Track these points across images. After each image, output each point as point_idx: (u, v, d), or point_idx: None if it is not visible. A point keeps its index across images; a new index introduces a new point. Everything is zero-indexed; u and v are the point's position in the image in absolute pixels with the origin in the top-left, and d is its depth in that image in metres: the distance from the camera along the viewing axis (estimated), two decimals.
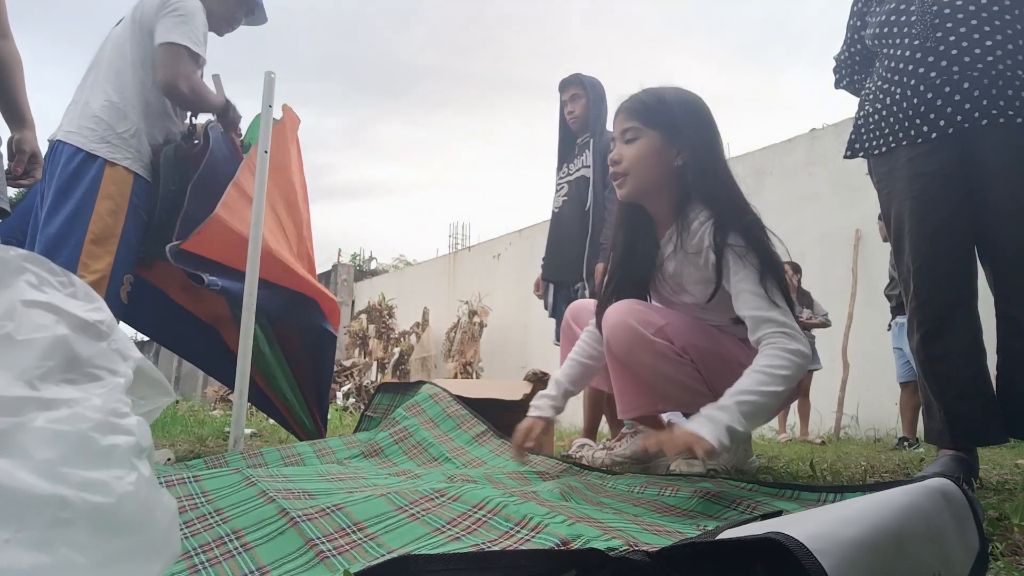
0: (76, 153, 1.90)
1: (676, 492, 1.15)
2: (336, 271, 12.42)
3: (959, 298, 1.54)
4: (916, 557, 0.57)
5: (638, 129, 1.38)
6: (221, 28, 2.23)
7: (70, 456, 0.41)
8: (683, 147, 1.36)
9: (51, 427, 0.41)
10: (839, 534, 0.50)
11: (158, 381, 0.62)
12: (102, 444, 0.42)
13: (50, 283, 0.55)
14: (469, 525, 0.81)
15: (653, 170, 1.38)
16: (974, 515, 0.70)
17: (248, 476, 1.09)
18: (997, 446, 1.80)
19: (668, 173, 1.38)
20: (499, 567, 0.51)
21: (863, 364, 5.33)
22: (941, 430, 1.55)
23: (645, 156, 1.37)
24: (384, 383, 2.40)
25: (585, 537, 0.69)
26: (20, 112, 1.68)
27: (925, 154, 1.57)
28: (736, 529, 0.60)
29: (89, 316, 0.54)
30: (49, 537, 0.36)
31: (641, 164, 1.37)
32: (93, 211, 1.87)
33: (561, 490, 1.11)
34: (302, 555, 0.73)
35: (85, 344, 0.51)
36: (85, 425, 0.43)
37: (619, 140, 1.42)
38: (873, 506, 0.57)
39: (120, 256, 1.90)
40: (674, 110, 1.38)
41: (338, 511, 0.84)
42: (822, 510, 0.60)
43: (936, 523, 0.62)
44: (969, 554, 0.67)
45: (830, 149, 6.17)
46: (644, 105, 1.39)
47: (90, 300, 0.57)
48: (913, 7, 1.61)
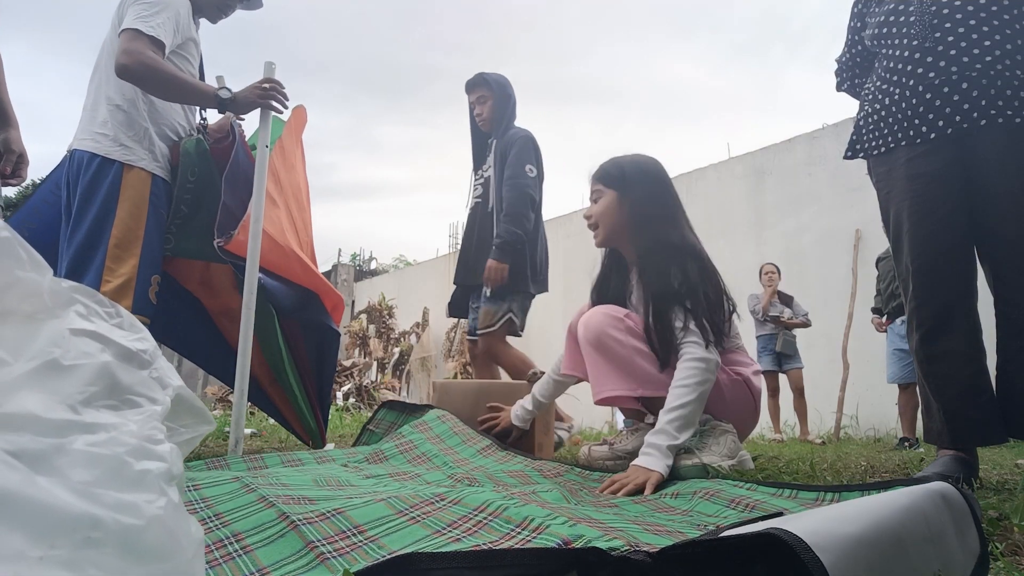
0: (92, 159, 1.91)
1: (676, 496, 1.15)
2: (336, 271, 12.43)
3: (958, 298, 1.54)
4: (916, 557, 0.57)
5: (600, 191, 1.78)
6: (214, 15, 2.21)
7: (105, 478, 0.42)
8: (632, 200, 1.73)
9: (89, 450, 0.43)
10: (839, 531, 0.50)
11: (199, 410, 0.65)
12: (136, 469, 0.44)
13: (97, 313, 0.58)
14: (470, 527, 0.81)
15: (613, 220, 1.76)
16: (974, 518, 0.70)
17: (247, 483, 1.10)
18: (997, 446, 1.80)
19: (625, 222, 1.74)
20: (501, 566, 0.51)
21: (863, 364, 5.34)
22: (940, 430, 1.55)
23: (606, 210, 1.76)
24: (390, 401, 2.39)
25: (587, 537, 0.69)
26: (4, 111, 1.66)
27: (924, 154, 1.57)
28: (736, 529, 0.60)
29: (133, 345, 0.57)
30: (78, 557, 0.36)
31: (604, 217, 1.77)
32: (115, 216, 1.89)
33: (562, 491, 1.11)
34: (302, 556, 0.73)
35: (127, 372, 0.53)
36: (121, 449, 0.44)
37: (590, 200, 1.82)
38: (873, 505, 0.57)
39: (144, 258, 1.91)
40: (627, 173, 1.77)
41: (338, 515, 0.84)
42: (822, 509, 0.60)
43: (936, 525, 0.62)
44: (969, 557, 0.67)
45: (830, 149, 6.18)
46: (605, 172, 1.79)
47: (135, 331, 0.60)
48: (912, 8, 1.62)
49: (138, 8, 1.90)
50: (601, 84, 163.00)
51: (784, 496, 1.15)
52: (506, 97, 2.79)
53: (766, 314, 4.97)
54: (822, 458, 2.29)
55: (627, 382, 1.61)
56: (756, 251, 6.63)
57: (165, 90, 1.96)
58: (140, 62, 1.86)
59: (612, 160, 1.82)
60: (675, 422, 1.43)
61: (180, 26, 2.00)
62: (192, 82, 2.03)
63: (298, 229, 2.27)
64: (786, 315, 4.94)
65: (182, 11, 2.02)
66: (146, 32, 1.87)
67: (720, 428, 1.61)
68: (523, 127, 2.82)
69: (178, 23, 1.99)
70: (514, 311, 2.67)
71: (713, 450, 1.56)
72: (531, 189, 2.64)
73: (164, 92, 1.98)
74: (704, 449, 1.54)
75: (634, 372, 1.61)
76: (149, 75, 1.89)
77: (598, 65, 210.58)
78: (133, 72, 1.87)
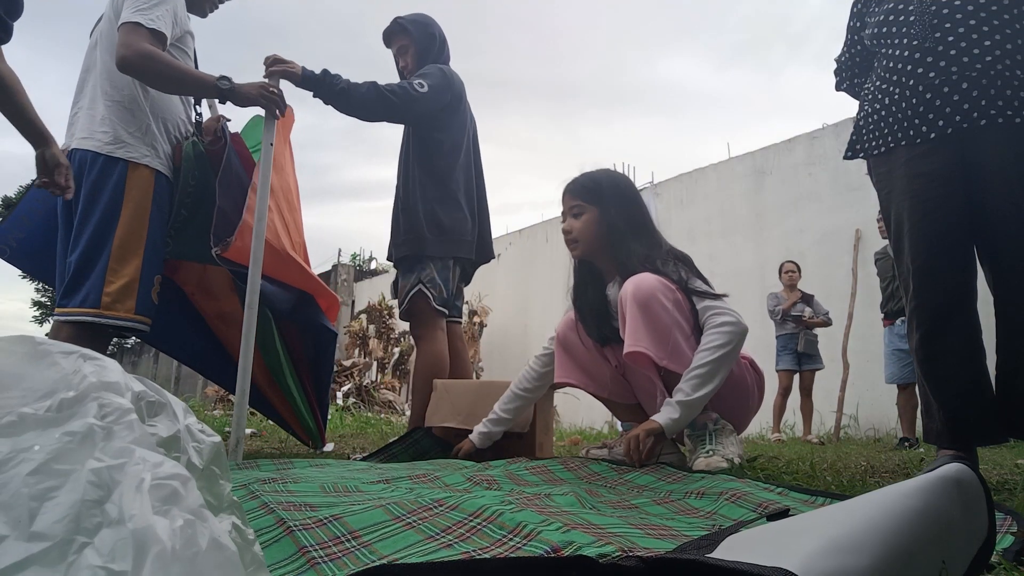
0: (96, 158, 1.89)
1: (701, 495, 1.14)
2: (336, 271, 12.43)
3: (958, 298, 1.54)
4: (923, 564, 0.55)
5: (581, 207, 1.82)
6: (204, 8, 2.21)
7: None
8: (611, 217, 1.79)
9: None
10: (850, 567, 0.48)
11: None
12: None
13: None
14: (463, 533, 0.81)
15: (592, 234, 1.81)
16: (988, 503, 0.68)
17: (253, 491, 1.10)
18: (997, 446, 1.79)
19: (604, 237, 1.80)
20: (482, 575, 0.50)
21: (863, 364, 5.33)
22: (940, 430, 1.54)
23: (588, 226, 1.81)
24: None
25: (577, 544, 0.69)
26: (38, 130, 1.68)
27: (924, 154, 1.56)
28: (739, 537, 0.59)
29: None
30: None
31: (585, 232, 1.81)
32: (120, 216, 1.88)
33: (578, 494, 1.10)
34: (294, 561, 0.73)
35: None
36: None
37: (568, 214, 1.85)
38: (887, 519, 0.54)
39: (147, 258, 1.91)
40: (604, 189, 1.82)
41: (335, 521, 0.85)
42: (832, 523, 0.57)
43: (944, 522, 0.60)
44: (973, 542, 0.66)
45: (830, 149, 6.17)
46: (583, 187, 1.84)
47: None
48: (912, 7, 1.61)
49: (136, 1, 1.88)
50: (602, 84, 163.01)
51: (816, 504, 1.14)
52: (429, 39, 2.43)
53: (786, 314, 4.88)
54: (822, 458, 2.28)
55: (659, 348, 1.60)
56: (756, 251, 6.63)
57: (166, 82, 1.95)
58: (140, 54, 1.84)
59: (587, 175, 1.86)
60: (692, 380, 1.51)
61: (178, 18, 2.00)
62: (192, 72, 2.02)
63: (290, 230, 2.26)
64: (807, 314, 4.80)
65: (180, 2, 2.01)
66: (146, 25, 1.86)
67: (728, 427, 1.64)
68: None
69: (176, 15, 1.98)
70: (424, 282, 2.27)
71: (731, 450, 1.59)
72: (409, 92, 2.23)
73: (165, 84, 1.96)
74: (724, 448, 1.57)
75: (667, 342, 1.61)
76: (150, 67, 1.87)
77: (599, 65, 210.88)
78: (134, 64, 1.85)
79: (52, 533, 0.42)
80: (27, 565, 0.40)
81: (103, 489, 0.46)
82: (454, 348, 2.42)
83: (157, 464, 0.49)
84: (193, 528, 0.45)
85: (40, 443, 0.48)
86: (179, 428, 0.56)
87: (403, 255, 2.34)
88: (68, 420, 0.51)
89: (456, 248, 2.33)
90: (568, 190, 1.87)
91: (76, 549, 0.42)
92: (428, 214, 2.30)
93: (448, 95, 2.36)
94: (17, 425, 0.50)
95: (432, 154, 2.37)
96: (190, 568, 0.43)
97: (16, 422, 0.50)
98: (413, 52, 2.43)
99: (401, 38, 2.46)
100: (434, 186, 2.34)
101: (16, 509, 0.43)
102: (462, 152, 2.42)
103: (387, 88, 2.23)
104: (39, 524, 0.42)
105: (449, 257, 2.32)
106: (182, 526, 0.45)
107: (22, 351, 0.56)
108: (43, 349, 0.57)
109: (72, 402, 0.53)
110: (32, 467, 0.46)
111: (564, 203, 1.88)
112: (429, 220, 2.30)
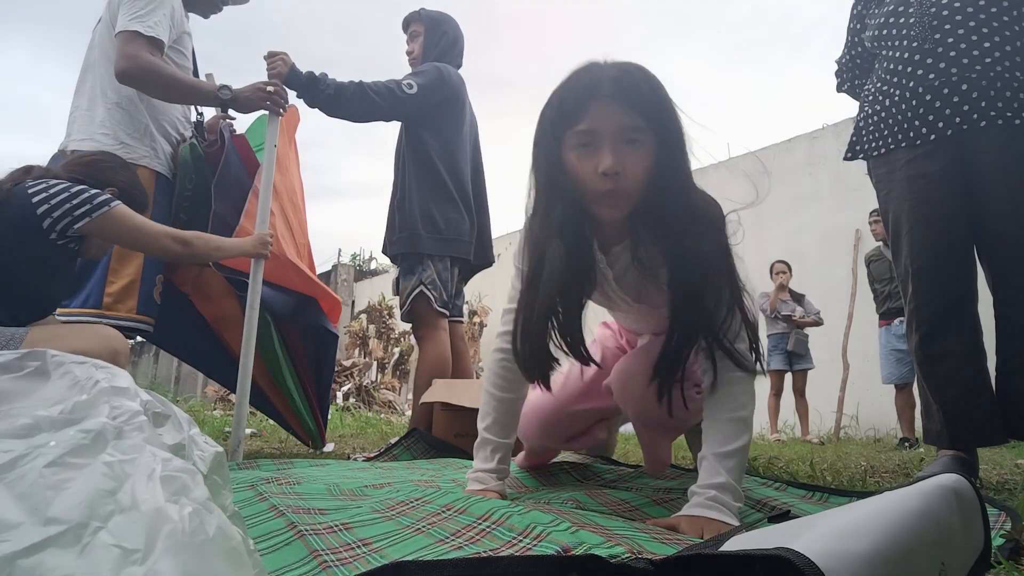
0: None
1: None
2: (336, 271, 12.42)
3: (958, 299, 1.54)
4: (924, 563, 0.56)
5: (643, 130, 1.02)
6: (205, 11, 2.21)
7: None
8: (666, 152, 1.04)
9: None
10: (851, 550, 0.49)
11: None
12: None
13: None
14: (473, 536, 0.82)
15: (646, 184, 1.04)
16: (983, 515, 0.69)
17: (261, 492, 1.11)
18: (997, 446, 1.80)
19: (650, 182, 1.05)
20: (495, 574, 0.51)
21: (863, 364, 5.33)
22: (940, 431, 1.55)
23: (649, 169, 1.03)
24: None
25: (587, 544, 0.69)
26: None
27: (924, 156, 1.57)
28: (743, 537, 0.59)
29: None
30: None
31: (644, 179, 1.03)
32: None
33: (577, 500, 1.11)
34: (306, 564, 0.74)
35: None
36: None
37: (617, 139, 1.01)
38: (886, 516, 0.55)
39: (148, 257, 1.91)
40: (664, 105, 1.05)
41: (345, 530, 0.86)
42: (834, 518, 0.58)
43: (945, 524, 0.61)
44: (972, 552, 0.67)
45: (830, 149, 6.17)
46: (645, 99, 1.02)
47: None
48: (912, 9, 1.62)
49: (132, 6, 1.88)
50: None
51: (814, 500, 1.14)
52: (439, 35, 2.45)
53: (776, 312, 4.89)
54: (822, 458, 2.29)
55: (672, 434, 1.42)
56: (756, 251, 6.63)
57: (166, 92, 1.96)
58: (140, 67, 1.85)
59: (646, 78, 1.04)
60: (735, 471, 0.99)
61: (175, 20, 2.00)
62: (193, 82, 2.02)
63: (294, 232, 2.26)
64: (798, 313, 4.82)
65: (176, 4, 2.01)
66: (144, 33, 1.86)
67: None
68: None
69: (173, 18, 1.98)
70: (426, 283, 2.23)
71: None
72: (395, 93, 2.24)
73: (165, 94, 1.97)
74: None
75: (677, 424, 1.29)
76: (151, 79, 1.88)
77: None
78: (134, 77, 1.87)
79: (67, 518, 0.44)
80: (44, 547, 0.42)
81: (116, 480, 0.47)
82: (455, 348, 2.41)
83: (167, 459, 0.51)
84: (201, 517, 0.47)
85: (55, 440, 0.50)
86: (184, 437, 0.58)
87: (399, 252, 2.34)
88: (82, 420, 0.53)
89: (453, 247, 2.32)
90: (620, 94, 1.01)
91: (91, 532, 0.44)
92: (423, 211, 2.30)
93: (441, 93, 2.36)
94: (32, 427, 0.51)
95: (426, 153, 2.36)
96: (198, 554, 0.44)
97: (31, 424, 0.52)
98: (422, 42, 2.46)
99: (416, 24, 2.50)
100: (428, 184, 2.33)
101: (33, 498, 0.45)
102: (458, 152, 2.42)
103: (372, 89, 2.24)
104: (55, 510, 0.44)
105: (446, 256, 2.31)
106: (191, 513, 0.46)
107: (35, 365, 0.57)
108: (56, 360, 0.59)
109: (85, 405, 0.55)
110: (48, 460, 0.47)
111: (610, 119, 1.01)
112: (424, 217, 2.29)
